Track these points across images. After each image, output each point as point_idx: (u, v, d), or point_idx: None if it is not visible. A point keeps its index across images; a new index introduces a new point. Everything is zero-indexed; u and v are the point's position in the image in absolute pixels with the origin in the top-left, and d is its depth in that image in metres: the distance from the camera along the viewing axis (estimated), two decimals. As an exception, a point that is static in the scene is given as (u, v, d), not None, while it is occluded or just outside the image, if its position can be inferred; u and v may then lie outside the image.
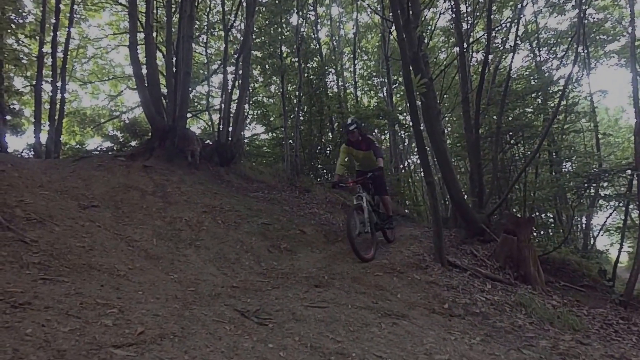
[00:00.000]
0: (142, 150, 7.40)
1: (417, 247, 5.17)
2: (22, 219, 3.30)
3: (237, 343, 2.39)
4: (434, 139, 5.65)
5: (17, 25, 11.11)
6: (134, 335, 2.02)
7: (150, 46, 8.59)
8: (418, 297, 3.74)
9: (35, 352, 1.58)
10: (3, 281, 2.23)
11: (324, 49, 15.14)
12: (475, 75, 10.74)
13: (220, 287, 3.34)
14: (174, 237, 4.38)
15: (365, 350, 2.54)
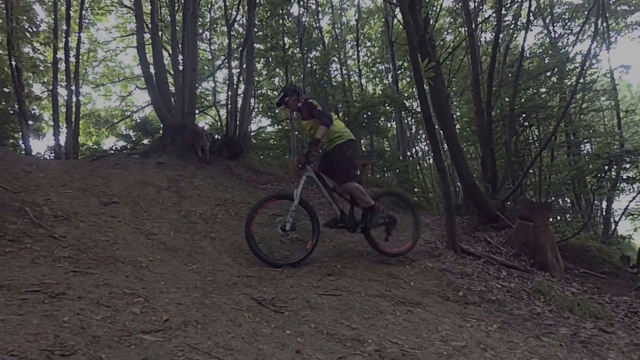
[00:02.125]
0: (155, 147, 7.57)
1: (428, 235, 5.18)
2: (50, 217, 3.47)
3: (256, 330, 2.48)
4: (444, 124, 5.61)
5: (31, 33, 11.47)
6: (160, 322, 2.14)
7: (157, 46, 8.69)
8: (431, 285, 3.77)
9: (73, 337, 1.70)
10: (39, 274, 2.38)
11: (327, 37, 15.02)
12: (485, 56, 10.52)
13: (237, 277, 3.44)
14: (190, 229, 4.51)
15: (381, 336, 2.60)
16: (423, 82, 4.67)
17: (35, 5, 12.40)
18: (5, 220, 3.04)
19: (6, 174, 4.51)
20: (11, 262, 2.48)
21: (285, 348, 2.34)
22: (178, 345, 1.99)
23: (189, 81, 7.80)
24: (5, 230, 2.91)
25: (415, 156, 15.12)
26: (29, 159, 6.93)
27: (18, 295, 1.98)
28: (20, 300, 1.91)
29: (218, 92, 15.69)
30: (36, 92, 12.90)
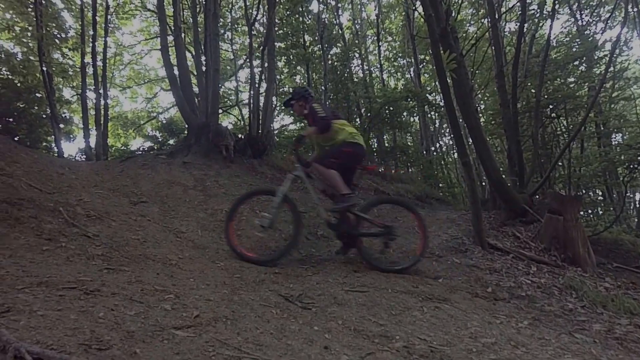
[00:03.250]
0: (181, 147, 7.73)
1: (455, 230, 5.08)
2: (83, 216, 3.60)
3: (285, 325, 2.50)
4: (468, 117, 5.45)
5: (60, 40, 11.99)
6: (191, 318, 2.18)
7: (180, 48, 8.87)
8: (459, 281, 3.71)
9: (109, 332, 1.76)
10: (75, 271, 2.47)
11: (347, 33, 14.91)
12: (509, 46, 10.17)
13: (264, 274, 3.48)
14: (217, 227, 4.58)
15: (409, 333, 2.58)
16: (446, 76, 4.59)
17: (63, 12, 12.94)
18: (42, 220, 3.17)
19: (40, 175, 4.71)
20: (48, 260, 2.58)
21: (313, 344, 2.34)
22: (209, 340, 2.02)
23: (212, 81, 7.92)
24: (41, 229, 3.04)
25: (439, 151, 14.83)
26: (61, 161, 7.23)
27: (56, 291, 2.05)
28: (58, 297, 1.98)
29: (240, 91, 15.94)
30: (66, 97, 13.51)
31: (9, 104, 9.21)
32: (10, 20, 11.96)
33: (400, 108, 10.65)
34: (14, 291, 1.90)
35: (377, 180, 8.21)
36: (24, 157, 5.37)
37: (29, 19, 11.54)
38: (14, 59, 10.61)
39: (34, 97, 10.40)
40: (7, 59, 10.29)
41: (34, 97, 10.40)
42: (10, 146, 5.67)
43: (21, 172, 4.36)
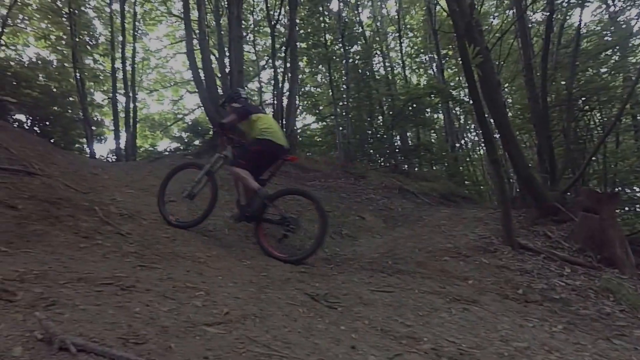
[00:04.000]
0: (206, 148, 7.91)
1: (482, 229, 4.94)
2: (116, 215, 3.74)
3: (311, 324, 2.51)
4: (495, 113, 5.32)
5: (92, 46, 12.55)
6: (221, 315, 2.23)
7: (205, 51, 9.08)
8: (488, 282, 3.61)
9: (145, 327, 1.82)
10: (110, 268, 2.57)
11: (367, 31, 14.79)
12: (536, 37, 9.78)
13: (289, 272, 3.51)
14: (242, 226, 4.65)
15: (437, 335, 2.53)
16: (472, 70, 4.49)
17: (94, 20, 13.55)
18: (78, 219, 3.32)
19: (76, 176, 4.93)
20: (85, 257, 2.70)
21: (340, 343, 2.34)
22: (239, 337, 2.06)
23: (236, 83, 8.06)
24: (78, 227, 3.18)
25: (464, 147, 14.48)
26: (94, 161, 7.56)
27: (94, 287, 2.15)
28: (97, 292, 2.07)
29: (263, 92, 16.12)
30: (97, 100, 14.14)
31: (46, 108, 9.72)
32: (46, 29, 12.61)
33: (423, 105, 10.46)
34: (57, 286, 2.00)
35: (400, 178, 8.12)
36: (60, 158, 5.65)
37: (63, 28, 12.14)
38: (50, 66, 11.17)
39: (68, 102, 10.93)
40: (44, 66, 10.86)
41: (68, 102, 10.93)
42: (48, 148, 5.99)
43: (58, 173, 4.58)
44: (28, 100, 9.05)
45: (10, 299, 1.70)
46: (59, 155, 5.80)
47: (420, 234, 4.93)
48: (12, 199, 3.09)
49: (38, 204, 3.19)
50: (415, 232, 5.08)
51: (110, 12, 13.07)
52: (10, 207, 2.95)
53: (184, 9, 9.96)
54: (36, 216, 2.98)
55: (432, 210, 6.24)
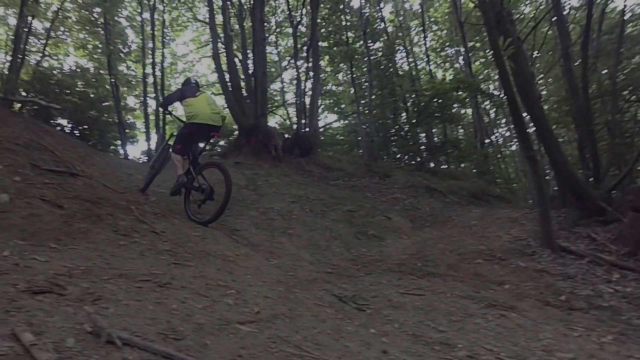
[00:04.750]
0: (232, 148, 8.09)
1: (518, 230, 4.73)
2: (150, 214, 3.89)
3: (340, 326, 2.50)
4: (531, 106, 5.08)
5: (125, 54, 13.11)
6: (252, 314, 2.26)
7: (230, 54, 9.26)
8: (526, 287, 3.44)
9: (182, 324, 1.87)
10: (147, 265, 2.67)
11: (390, 27, 14.54)
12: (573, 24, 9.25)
13: (316, 273, 3.52)
14: (269, 226, 4.72)
15: (472, 342, 2.44)
16: (504, 62, 4.32)
17: (127, 29, 14.16)
18: (117, 217, 3.47)
19: (113, 177, 5.16)
20: (124, 254, 2.81)
21: (371, 347, 2.31)
22: (270, 337, 2.08)
23: (260, 84, 8.18)
24: (117, 226, 3.32)
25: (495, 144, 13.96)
26: (128, 162, 7.90)
27: (134, 283, 2.23)
28: (137, 288, 2.16)
29: (285, 91, 16.23)
30: (130, 104, 14.74)
31: (84, 113, 10.23)
32: (84, 39, 13.32)
33: (450, 100, 10.14)
34: (101, 281, 2.10)
35: (427, 177, 7.95)
36: (99, 160, 5.94)
37: (99, 38, 12.79)
38: (88, 73, 11.78)
39: (104, 106, 11.48)
40: (82, 73, 11.47)
41: (104, 106, 11.48)
42: (87, 150, 6.32)
43: (98, 174, 4.82)
44: (69, 106, 9.58)
45: (62, 293, 1.80)
46: (97, 157, 6.10)
47: (450, 235, 4.80)
48: (59, 198, 3.28)
49: (81, 203, 3.37)
50: (445, 233, 4.95)
51: (141, 20, 13.66)
52: (57, 206, 3.13)
53: (209, 14, 10.20)
54: (80, 215, 3.15)
55: (461, 210, 6.06)
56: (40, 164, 3.93)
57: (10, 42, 10.60)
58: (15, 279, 1.84)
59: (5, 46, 11.49)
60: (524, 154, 6.61)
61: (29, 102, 7.82)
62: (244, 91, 9.64)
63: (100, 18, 12.41)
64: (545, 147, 5.28)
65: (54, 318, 1.55)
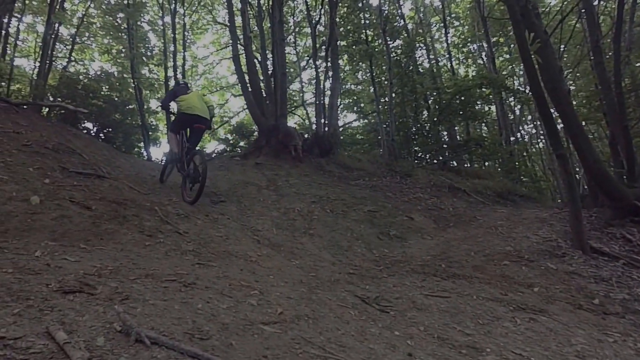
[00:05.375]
0: (252, 149, 8.13)
1: (546, 231, 4.56)
2: (174, 215, 3.95)
3: (364, 328, 2.47)
4: (559, 102, 4.88)
5: (147, 57, 13.45)
6: (275, 315, 2.26)
7: (250, 55, 9.34)
8: (557, 290, 3.33)
9: (207, 324, 1.89)
10: (172, 265, 2.72)
11: (410, 24, 14.31)
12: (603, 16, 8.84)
13: (338, 273, 3.49)
14: (290, 226, 4.72)
15: (501, 346, 2.39)
16: (530, 57, 4.19)
17: (149, 33, 14.52)
18: (142, 218, 3.54)
19: (137, 178, 5.28)
20: (150, 254, 2.87)
21: (396, 350, 2.28)
22: (294, 338, 2.07)
23: (279, 85, 8.19)
24: (143, 226, 3.39)
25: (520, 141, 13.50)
26: (151, 164, 8.08)
27: (160, 283, 2.27)
28: (163, 288, 2.19)
29: (304, 91, 16.26)
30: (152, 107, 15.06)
31: (109, 116, 10.54)
32: (108, 44, 13.75)
33: (473, 97, 9.88)
34: (129, 281, 2.14)
35: (450, 176, 7.77)
36: (124, 162, 6.10)
37: (122, 42, 13.16)
38: (112, 77, 12.14)
39: (128, 109, 11.78)
40: (107, 77, 11.81)
41: (128, 109, 11.78)
42: (113, 153, 6.50)
43: (123, 176, 4.94)
44: (94, 110, 9.90)
45: (92, 293, 1.84)
46: (122, 159, 6.27)
47: (475, 236, 4.67)
48: (87, 200, 3.38)
49: (108, 205, 3.45)
50: (470, 234, 4.82)
51: (163, 24, 14.01)
52: (86, 207, 3.22)
53: (229, 16, 10.33)
54: (107, 216, 3.23)
55: (486, 210, 5.89)
56: (69, 167, 4.06)
57: (38, 49, 11.09)
58: (47, 278, 1.90)
59: (34, 53, 12.03)
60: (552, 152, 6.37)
61: (57, 106, 8.09)
62: (263, 92, 9.71)
63: (123, 23, 12.79)
64: (574, 144, 5.09)
65: (84, 317, 1.60)
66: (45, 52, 9.99)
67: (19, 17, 10.93)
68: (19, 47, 11.89)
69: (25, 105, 6.19)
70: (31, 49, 12.59)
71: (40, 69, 9.90)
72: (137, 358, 1.41)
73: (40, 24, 11.98)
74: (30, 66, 13.37)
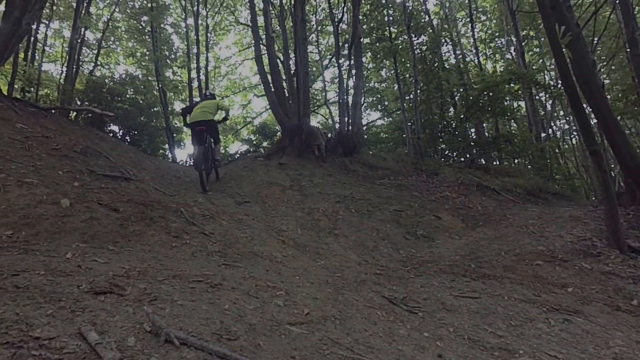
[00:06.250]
0: (276, 149, 8.16)
1: (581, 230, 4.35)
2: (199, 216, 4.00)
3: (392, 329, 2.43)
4: (593, 97, 4.67)
5: (171, 60, 13.75)
6: (302, 316, 2.25)
7: (272, 55, 9.39)
8: (593, 291, 3.19)
9: (234, 324, 1.90)
10: (199, 266, 2.75)
11: (435, 20, 13.99)
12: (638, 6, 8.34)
13: (364, 274, 3.44)
14: (314, 226, 4.70)
15: (534, 348, 2.31)
16: (562, 51, 4.04)
17: (172, 35, 14.86)
18: (168, 220, 3.60)
19: (163, 180, 5.40)
20: (177, 256, 2.91)
21: (425, 351, 2.23)
22: (321, 338, 2.05)
23: (302, 84, 8.17)
24: (169, 228, 3.44)
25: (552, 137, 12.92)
26: (176, 166, 8.26)
27: (187, 283, 2.30)
28: (190, 289, 2.22)
29: (327, 90, 16.21)
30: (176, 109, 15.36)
31: (135, 119, 10.82)
32: (133, 48, 14.15)
33: (501, 93, 9.54)
34: (157, 282, 2.17)
35: (478, 174, 7.53)
36: (149, 164, 6.26)
37: (146, 45, 13.52)
38: (137, 80, 12.46)
39: (152, 112, 12.05)
40: (132, 81, 12.12)
41: (152, 112, 12.05)
42: (138, 155, 6.68)
43: (149, 178, 5.06)
44: (120, 113, 10.18)
45: (121, 293, 1.88)
46: (147, 161, 6.43)
47: (505, 235, 4.50)
48: (115, 202, 3.46)
49: (135, 207, 3.52)
50: (500, 233, 4.65)
51: (186, 26, 14.26)
52: (113, 209, 3.30)
53: (251, 16, 10.43)
54: (134, 217, 3.29)
55: (517, 209, 5.66)
56: (97, 170, 4.15)
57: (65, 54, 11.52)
58: (79, 280, 1.95)
59: (61, 58, 12.50)
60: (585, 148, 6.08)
61: (84, 110, 8.38)
62: (286, 92, 9.74)
63: (147, 26, 13.13)
64: (609, 139, 4.87)
65: (115, 318, 1.63)
66: (72, 57, 10.36)
67: (46, 23, 11.35)
68: (46, 52, 12.39)
69: (53, 110, 6.35)
70: (58, 54, 13.08)
71: (68, 73, 10.27)
72: (167, 358, 1.43)
73: (67, 29, 12.40)
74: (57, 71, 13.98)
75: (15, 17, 5.02)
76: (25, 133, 4.20)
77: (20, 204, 2.83)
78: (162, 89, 12.70)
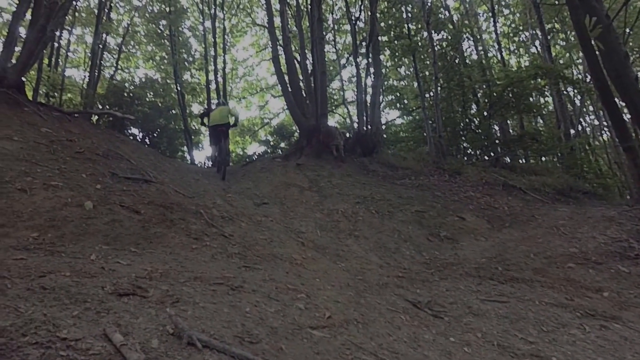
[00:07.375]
0: (294, 150, 8.14)
1: (615, 230, 4.11)
2: (219, 218, 4.01)
3: (417, 334, 2.35)
4: (625, 91, 4.45)
5: (189, 62, 14.00)
6: (324, 319, 2.21)
7: (289, 56, 9.39)
8: (631, 295, 3.01)
9: (256, 327, 1.88)
10: (219, 268, 2.75)
11: (455, 15, 13.67)
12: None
13: (386, 277, 3.37)
14: (334, 228, 4.63)
15: (569, 355, 2.20)
16: (591, 44, 3.83)
17: (190, 38, 15.12)
18: (188, 222, 3.61)
19: (182, 182, 5.45)
20: (197, 257, 2.91)
21: (452, 357, 2.15)
22: (344, 343, 2.00)
23: (319, 84, 8.13)
24: (189, 230, 3.45)
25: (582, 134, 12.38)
26: (194, 168, 8.36)
27: (208, 286, 2.29)
28: (211, 291, 2.21)
29: (344, 89, 16.12)
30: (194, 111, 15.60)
31: (154, 121, 11.03)
32: (152, 51, 14.48)
33: (527, 89, 9.18)
34: (179, 284, 2.17)
35: (504, 173, 7.29)
36: (168, 166, 6.34)
37: (165, 49, 13.81)
38: (156, 83, 12.71)
39: (171, 114, 12.24)
40: (151, 84, 12.37)
41: (171, 114, 12.24)
42: (159, 157, 6.78)
43: (168, 180, 5.10)
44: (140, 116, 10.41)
45: (144, 295, 1.89)
46: (167, 163, 6.52)
47: (534, 237, 4.31)
48: (136, 204, 3.49)
49: (156, 209, 3.55)
50: (528, 234, 4.46)
51: (203, 29, 14.49)
52: (135, 211, 3.33)
53: (267, 17, 10.47)
54: (155, 220, 3.32)
55: (546, 209, 5.41)
56: (118, 172, 4.19)
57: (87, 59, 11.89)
58: (103, 281, 1.97)
59: (84, 63, 12.91)
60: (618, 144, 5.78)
61: (106, 114, 8.59)
62: (303, 92, 9.72)
63: (166, 30, 13.40)
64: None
65: (139, 319, 1.63)
66: (94, 62, 10.69)
67: (69, 30, 11.74)
68: (69, 58, 12.80)
69: (76, 114, 6.46)
70: (81, 60, 13.53)
71: (90, 78, 10.60)
72: (190, 361, 1.41)
73: (89, 35, 12.78)
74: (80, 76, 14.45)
75: (41, 24, 5.19)
76: (50, 137, 4.30)
77: (46, 207, 2.89)
78: (181, 92, 12.93)
